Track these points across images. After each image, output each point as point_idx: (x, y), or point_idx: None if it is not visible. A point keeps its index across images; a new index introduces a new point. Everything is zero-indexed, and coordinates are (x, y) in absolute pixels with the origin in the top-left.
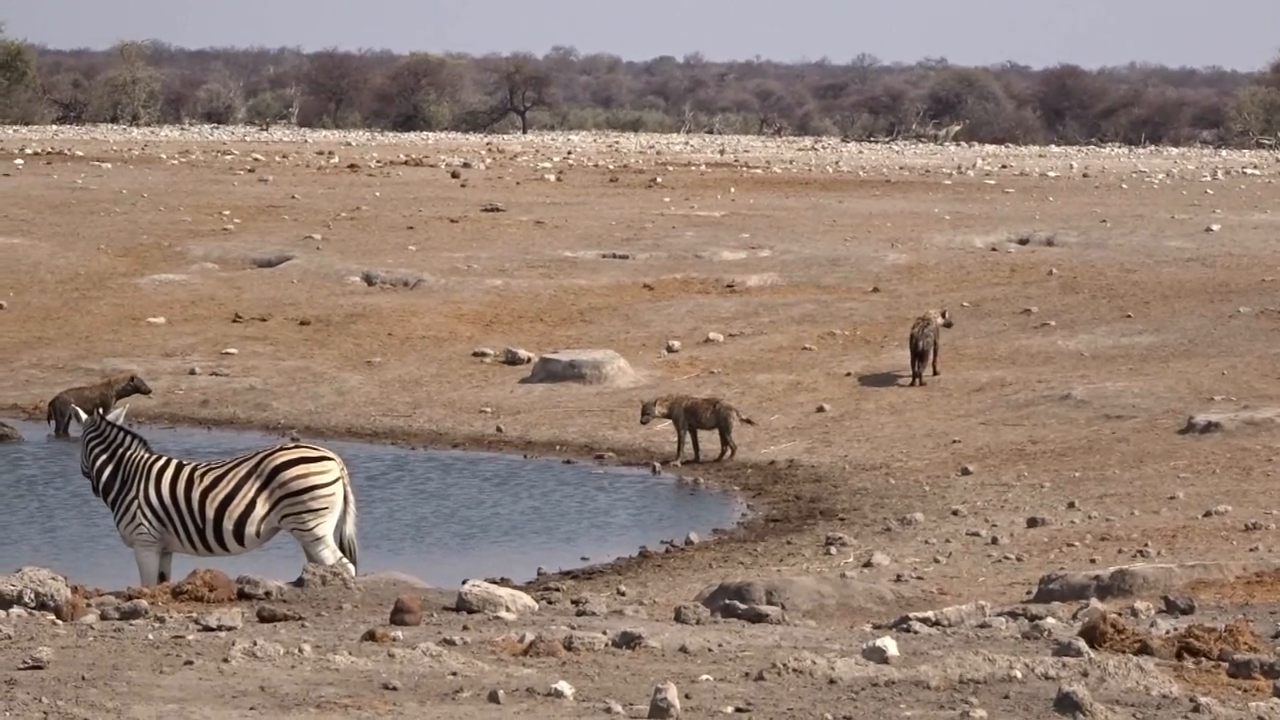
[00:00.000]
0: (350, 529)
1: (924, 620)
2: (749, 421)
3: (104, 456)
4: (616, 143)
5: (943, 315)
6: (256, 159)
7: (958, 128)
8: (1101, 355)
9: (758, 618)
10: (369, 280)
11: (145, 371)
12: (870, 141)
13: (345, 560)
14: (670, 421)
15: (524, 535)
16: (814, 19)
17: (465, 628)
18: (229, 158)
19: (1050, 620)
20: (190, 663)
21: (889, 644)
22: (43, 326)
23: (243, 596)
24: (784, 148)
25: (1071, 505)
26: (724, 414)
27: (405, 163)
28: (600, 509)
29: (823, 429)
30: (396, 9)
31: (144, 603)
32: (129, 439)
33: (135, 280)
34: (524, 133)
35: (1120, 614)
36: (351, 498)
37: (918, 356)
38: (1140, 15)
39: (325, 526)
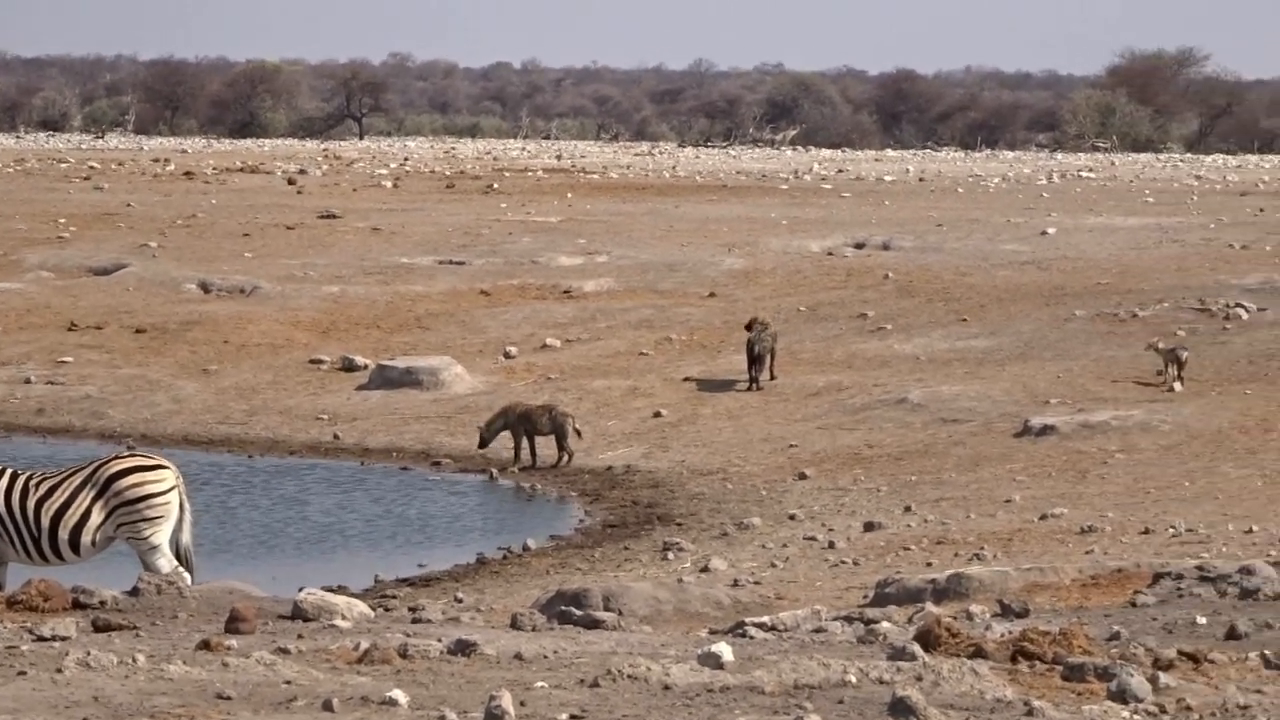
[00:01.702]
0: (186, 537)
1: (760, 625)
2: (578, 433)
3: None
4: (453, 149)
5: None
6: (92, 167)
7: (794, 132)
8: (937, 359)
9: (594, 624)
10: (205, 288)
11: None
12: (707, 146)
13: (181, 569)
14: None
15: (361, 543)
16: (651, 24)
17: (300, 636)
18: (64, 165)
19: (885, 624)
20: (24, 673)
21: (724, 649)
22: None
23: (78, 606)
24: (621, 153)
25: (908, 509)
26: (560, 420)
27: (241, 170)
28: (437, 516)
29: (660, 434)
30: (233, 16)
31: None
32: None
33: None
34: (361, 139)
35: (955, 617)
36: (188, 506)
37: (755, 361)
38: (975, 19)
39: (161, 535)
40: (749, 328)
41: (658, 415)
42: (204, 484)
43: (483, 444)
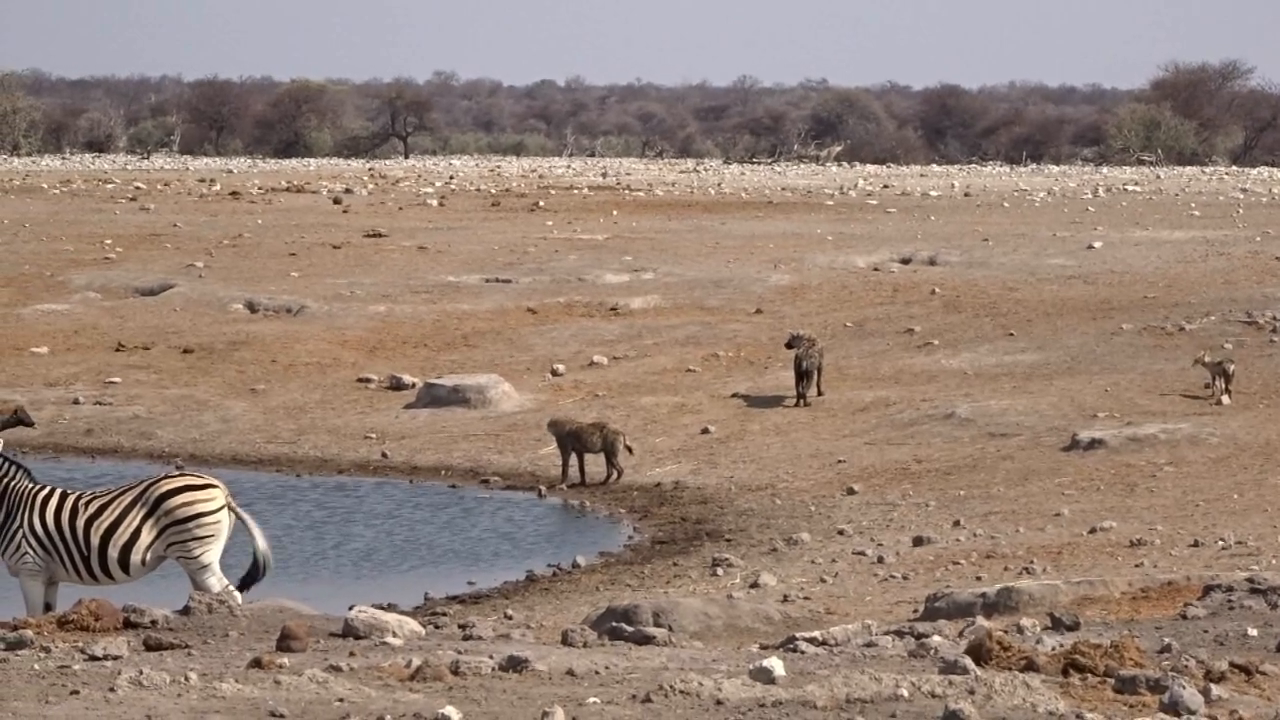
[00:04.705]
0: (262, 544)
1: (811, 640)
2: (629, 449)
3: None
4: (498, 167)
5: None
6: (138, 187)
7: (839, 148)
8: (985, 373)
9: (645, 640)
10: (252, 307)
11: (29, 401)
12: (752, 163)
13: (231, 588)
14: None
15: (410, 560)
16: (695, 41)
17: (352, 654)
18: (110, 186)
19: (936, 638)
20: (76, 693)
21: (776, 664)
22: None
23: (129, 625)
24: (666, 170)
25: (957, 523)
26: (611, 439)
27: (287, 189)
28: (486, 533)
29: (708, 450)
30: (277, 36)
31: (29, 633)
32: (12, 469)
33: (18, 310)
34: (406, 158)
35: (1006, 631)
36: (249, 518)
37: (802, 377)
38: (1019, 34)
39: (211, 554)
40: (790, 345)
41: (706, 432)
42: (251, 502)
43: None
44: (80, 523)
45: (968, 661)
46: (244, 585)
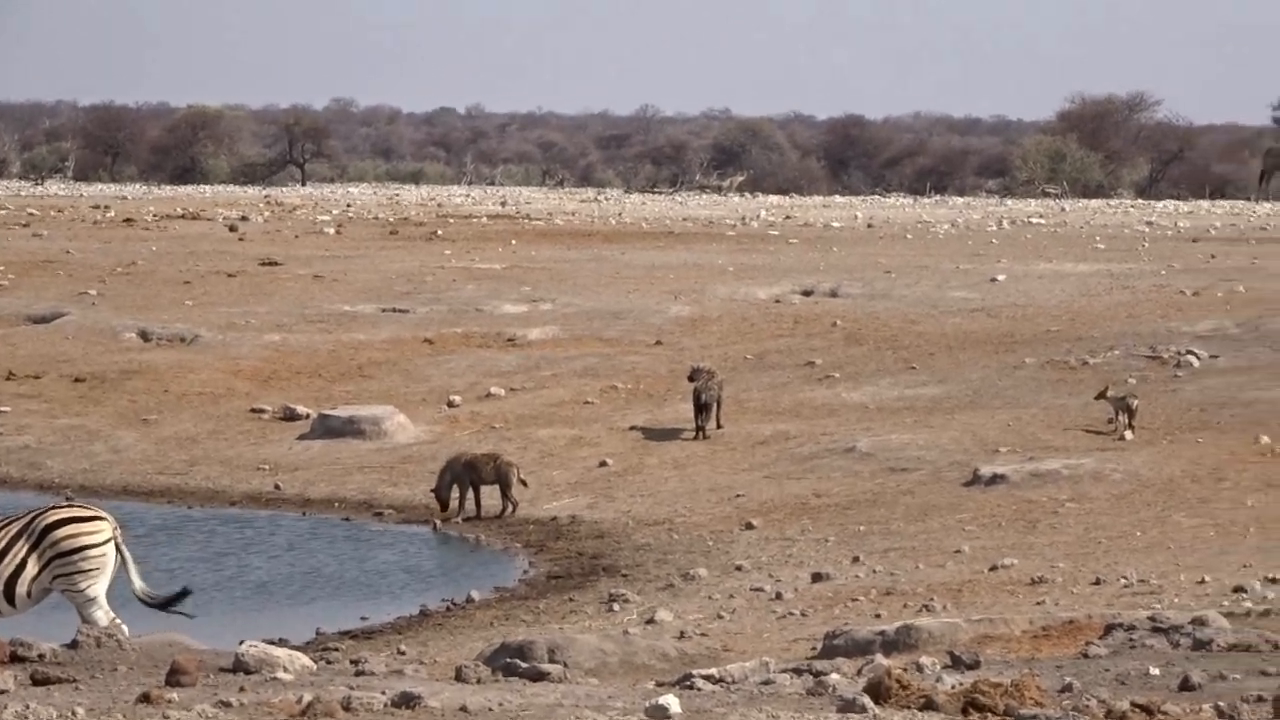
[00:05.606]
0: (139, 584)
1: (707, 677)
2: (523, 483)
3: None
4: (396, 195)
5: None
6: (31, 213)
7: (741, 178)
8: (886, 407)
9: (539, 676)
10: (145, 336)
11: None
12: (653, 192)
13: (119, 621)
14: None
15: (302, 595)
16: (596, 69)
17: (242, 689)
18: (3, 212)
19: (835, 676)
20: None
21: (672, 702)
22: None
23: (15, 659)
24: (566, 199)
25: (856, 559)
26: (504, 470)
27: (182, 216)
28: (380, 567)
29: (605, 484)
30: (173, 62)
31: None
32: None
33: None
34: (303, 185)
35: (905, 669)
36: (129, 555)
37: (701, 410)
38: (924, 64)
39: (97, 587)
40: (692, 378)
41: (603, 465)
42: (143, 535)
43: (443, 506)
44: None
45: (866, 700)
46: (167, 604)
